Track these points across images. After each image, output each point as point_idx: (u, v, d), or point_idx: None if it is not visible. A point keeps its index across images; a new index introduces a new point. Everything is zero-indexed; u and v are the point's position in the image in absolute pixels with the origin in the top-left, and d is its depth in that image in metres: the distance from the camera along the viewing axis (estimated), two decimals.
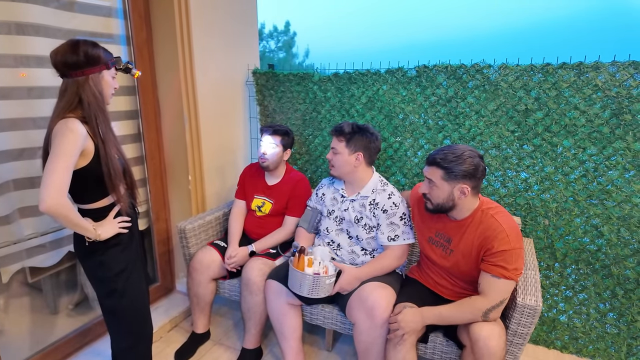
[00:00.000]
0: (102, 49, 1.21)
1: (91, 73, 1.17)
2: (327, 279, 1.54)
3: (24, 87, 1.54)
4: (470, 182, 1.34)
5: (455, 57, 1.84)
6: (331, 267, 1.60)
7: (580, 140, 1.69)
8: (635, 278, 1.70)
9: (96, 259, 1.27)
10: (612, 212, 1.69)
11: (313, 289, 1.53)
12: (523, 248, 1.35)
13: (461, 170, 1.32)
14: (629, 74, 1.55)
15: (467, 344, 1.35)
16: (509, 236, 1.31)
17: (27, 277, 1.78)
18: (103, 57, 1.19)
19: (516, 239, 1.32)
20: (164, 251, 2.28)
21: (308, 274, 1.52)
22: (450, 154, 1.34)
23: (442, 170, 1.36)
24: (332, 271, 1.58)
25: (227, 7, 2.21)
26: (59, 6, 1.60)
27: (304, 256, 1.59)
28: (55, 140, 1.09)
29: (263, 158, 1.93)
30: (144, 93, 2.02)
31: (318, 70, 2.24)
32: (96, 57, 1.17)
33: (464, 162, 1.32)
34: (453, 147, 1.37)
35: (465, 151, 1.35)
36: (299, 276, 1.53)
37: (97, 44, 1.20)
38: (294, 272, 1.55)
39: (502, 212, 1.39)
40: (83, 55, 1.14)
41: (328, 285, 1.56)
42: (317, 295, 1.55)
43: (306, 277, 1.52)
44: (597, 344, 1.84)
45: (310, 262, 1.58)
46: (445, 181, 1.36)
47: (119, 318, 1.35)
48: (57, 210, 1.07)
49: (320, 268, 1.56)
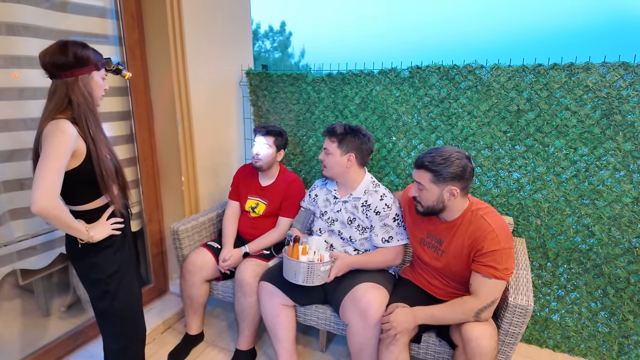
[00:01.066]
0: (92, 49, 1.20)
1: (80, 74, 1.16)
2: (322, 266, 1.54)
3: (15, 88, 1.53)
4: (459, 183, 1.35)
5: (452, 55, 1.86)
6: (326, 255, 1.59)
7: (572, 141, 1.70)
8: (626, 277, 1.71)
9: (88, 261, 1.26)
10: (603, 212, 1.70)
11: (308, 276, 1.53)
12: (513, 248, 1.36)
13: (449, 172, 1.33)
14: (618, 74, 1.57)
15: (460, 344, 1.35)
16: (499, 236, 1.32)
17: (19, 279, 1.77)
18: (92, 58, 1.18)
19: (506, 239, 1.33)
20: (157, 253, 2.26)
21: (302, 261, 1.52)
22: (437, 157, 1.35)
23: (430, 173, 1.36)
24: (327, 259, 1.57)
25: (220, 7, 2.21)
26: (51, 6, 1.59)
27: (298, 245, 1.59)
28: (46, 142, 1.08)
29: (256, 158, 1.93)
30: (137, 94, 2.00)
31: (312, 71, 2.24)
32: (85, 58, 1.16)
33: (452, 164, 1.33)
34: (440, 150, 1.38)
35: (452, 153, 1.35)
36: (293, 264, 1.53)
37: (87, 44, 1.19)
38: (289, 261, 1.54)
39: (492, 213, 1.40)
40: (72, 56, 1.14)
41: (323, 273, 1.55)
42: (312, 283, 1.54)
43: (300, 264, 1.51)
44: (589, 342, 1.85)
45: (305, 251, 1.57)
46: (434, 184, 1.37)
47: (111, 320, 1.34)
48: (50, 212, 1.06)
49: (314, 257, 1.56)
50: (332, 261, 1.59)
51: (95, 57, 1.20)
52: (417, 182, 1.42)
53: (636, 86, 1.55)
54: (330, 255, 1.61)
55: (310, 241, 1.63)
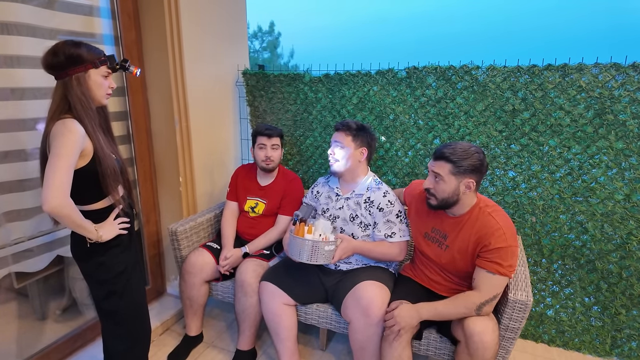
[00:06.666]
0: (86, 47, 1.16)
1: (75, 73, 1.14)
2: (326, 245, 1.54)
3: (7, 88, 1.50)
4: (475, 176, 1.38)
5: (450, 53, 1.88)
6: (331, 237, 1.60)
7: (566, 140, 1.74)
8: (618, 272, 1.76)
9: (96, 260, 1.25)
10: (596, 209, 1.75)
11: (312, 254, 1.53)
12: (518, 246, 1.39)
13: (469, 164, 1.36)
14: (610, 75, 1.61)
15: (462, 339, 1.38)
16: (506, 234, 1.35)
17: (13, 282, 1.74)
18: (86, 56, 1.15)
19: (512, 237, 1.36)
20: (154, 254, 2.25)
21: (307, 239, 1.53)
22: (458, 149, 1.38)
23: (450, 164, 1.38)
24: (332, 239, 1.58)
25: (217, 7, 2.20)
26: (42, 5, 1.56)
27: (304, 225, 1.59)
28: (55, 142, 1.08)
29: (268, 160, 1.95)
30: (134, 94, 1.99)
31: (309, 71, 2.25)
32: (76, 56, 1.13)
33: (472, 156, 1.36)
34: (459, 143, 1.41)
35: (471, 146, 1.39)
36: (298, 242, 1.53)
37: (81, 43, 1.16)
38: (294, 239, 1.55)
39: (499, 211, 1.43)
40: (63, 55, 1.12)
41: (327, 252, 1.55)
42: (316, 262, 1.54)
43: (305, 242, 1.52)
44: (583, 336, 1.90)
45: (310, 229, 1.58)
46: (453, 175, 1.39)
47: (117, 320, 1.33)
48: (61, 211, 1.06)
49: (319, 238, 1.56)
50: (336, 242, 1.59)
51: (90, 54, 1.16)
52: (434, 172, 1.43)
53: (627, 86, 1.60)
54: (336, 237, 1.61)
55: (316, 225, 1.63)
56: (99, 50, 1.21)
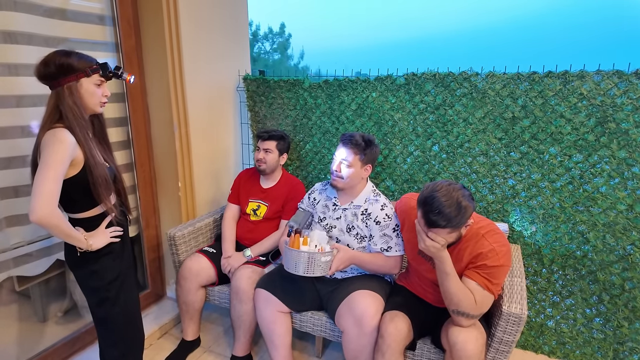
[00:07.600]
0: (77, 56, 1.16)
1: (66, 82, 1.14)
2: (323, 257, 1.50)
3: (12, 96, 1.53)
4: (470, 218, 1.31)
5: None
6: (327, 248, 1.56)
7: (566, 148, 1.71)
8: (621, 284, 1.72)
9: (88, 268, 1.26)
10: (598, 219, 1.71)
11: (308, 267, 1.49)
12: (510, 266, 1.37)
13: (465, 218, 1.27)
14: (612, 82, 1.58)
15: (447, 347, 1.36)
16: (499, 254, 1.32)
17: (15, 285, 1.77)
18: (77, 65, 1.15)
19: (505, 257, 1.33)
20: (153, 258, 2.27)
21: (303, 251, 1.50)
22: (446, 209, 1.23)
23: (449, 229, 1.28)
24: (327, 250, 1.54)
25: (217, 12, 2.21)
26: (46, 14, 1.59)
27: (299, 236, 1.57)
28: (45, 151, 1.09)
29: (260, 162, 1.98)
30: (133, 100, 2.01)
31: (308, 76, 2.25)
32: (67, 65, 1.13)
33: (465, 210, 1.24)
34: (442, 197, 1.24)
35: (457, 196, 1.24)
36: (294, 255, 1.50)
37: (71, 52, 1.16)
38: (289, 252, 1.52)
39: (493, 232, 1.39)
40: (54, 66, 1.13)
41: (324, 264, 1.52)
42: (313, 274, 1.51)
43: (301, 254, 1.48)
44: (584, 349, 1.86)
45: (306, 241, 1.55)
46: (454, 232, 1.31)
47: (110, 326, 1.34)
48: (49, 221, 1.07)
49: (316, 250, 1.53)
50: (333, 252, 1.56)
51: (81, 63, 1.16)
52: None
53: (630, 94, 1.56)
54: (332, 247, 1.58)
55: (311, 236, 1.60)
56: (91, 59, 1.20)
